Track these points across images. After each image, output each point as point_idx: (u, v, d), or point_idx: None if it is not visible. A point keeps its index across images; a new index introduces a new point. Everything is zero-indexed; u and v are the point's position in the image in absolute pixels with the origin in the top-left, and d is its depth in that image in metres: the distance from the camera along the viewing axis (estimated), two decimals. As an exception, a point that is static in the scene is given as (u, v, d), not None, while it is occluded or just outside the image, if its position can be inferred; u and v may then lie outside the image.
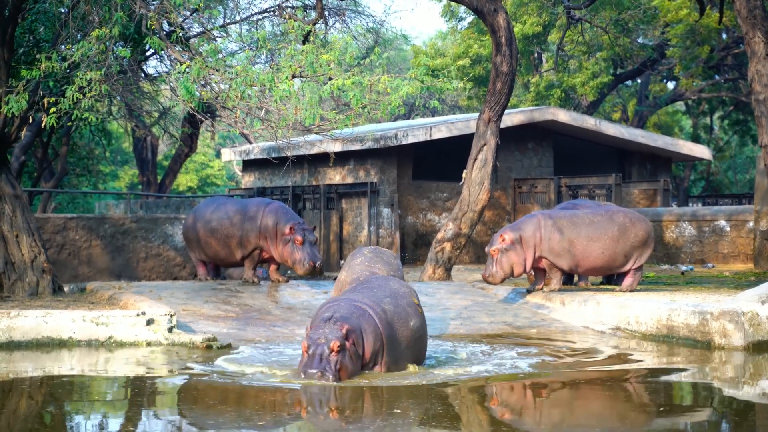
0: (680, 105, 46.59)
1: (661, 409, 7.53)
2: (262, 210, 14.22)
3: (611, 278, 14.58)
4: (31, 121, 13.29)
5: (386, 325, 8.32)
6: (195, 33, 18.56)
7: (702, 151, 27.29)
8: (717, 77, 37.58)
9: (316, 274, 13.88)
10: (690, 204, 32.98)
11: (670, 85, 41.93)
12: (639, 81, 40.29)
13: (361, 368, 8.15)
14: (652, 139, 25.94)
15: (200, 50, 12.76)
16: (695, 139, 42.91)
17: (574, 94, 35.23)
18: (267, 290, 13.73)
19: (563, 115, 24.33)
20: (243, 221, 14.24)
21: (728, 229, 19.62)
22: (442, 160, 23.28)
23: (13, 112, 11.77)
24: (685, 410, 7.66)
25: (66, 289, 13.72)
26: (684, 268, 18.52)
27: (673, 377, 8.96)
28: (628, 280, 13.19)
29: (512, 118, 23.10)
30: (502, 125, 17.14)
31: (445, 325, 11.78)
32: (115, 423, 6.96)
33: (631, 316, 11.51)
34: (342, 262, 22.34)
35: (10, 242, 13.08)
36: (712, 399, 8.05)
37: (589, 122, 24.78)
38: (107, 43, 11.75)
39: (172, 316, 10.41)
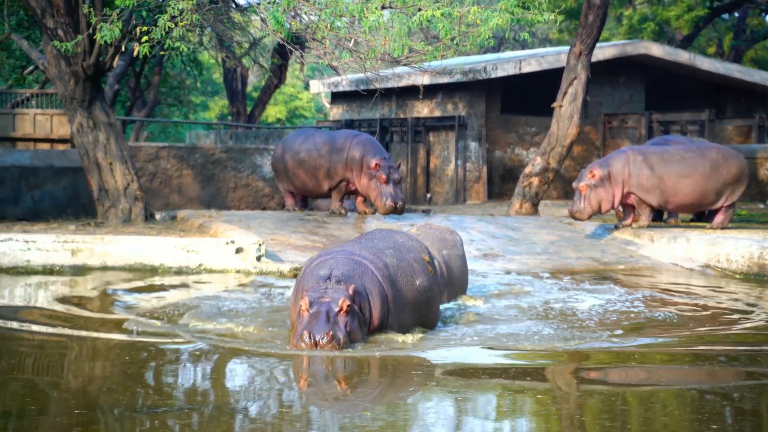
0: (779, 39, 45.24)
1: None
2: (349, 142, 14.26)
3: (702, 215, 14.36)
4: (124, 50, 13.46)
5: (390, 283, 7.05)
6: (285, -37, 18.51)
7: (800, 87, 26.53)
8: (819, 10, 36.41)
9: (397, 213, 13.88)
10: (786, 141, 32.15)
11: (769, 18, 40.74)
12: (736, 14, 39.13)
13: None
14: (748, 74, 25.28)
15: (290, -20, 12.73)
16: (794, 74, 41.70)
17: (668, 28, 34.42)
18: (354, 222, 13.82)
19: (656, 49, 23.82)
20: (331, 152, 14.30)
21: (825, 167, 19.13)
22: (531, 94, 23.02)
23: (106, 41, 11.93)
24: None
25: (157, 216, 13.99)
26: None
27: None
28: (719, 218, 12.98)
29: (604, 51, 22.69)
30: (593, 59, 16.83)
31: (532, 260, 11.76)
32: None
33: (721, 254, 11.36)
34: (429, 195, 22.37)
35: (104, 169, 13.36)
36: None
37: (683, 57, 24.22)
38: (199, -27, 11.80)
39: (260, 245, 10.56)
